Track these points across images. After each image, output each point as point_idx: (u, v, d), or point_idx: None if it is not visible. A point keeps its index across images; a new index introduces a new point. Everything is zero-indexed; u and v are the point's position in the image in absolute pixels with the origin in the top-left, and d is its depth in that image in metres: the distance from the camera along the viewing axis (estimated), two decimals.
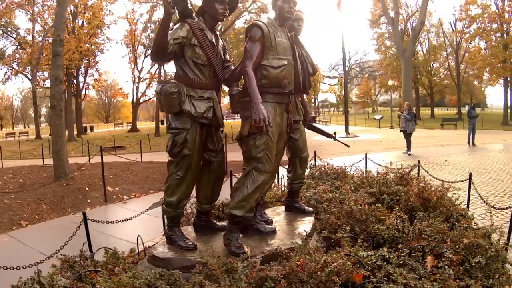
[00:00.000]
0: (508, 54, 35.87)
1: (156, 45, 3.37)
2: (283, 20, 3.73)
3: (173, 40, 3.43)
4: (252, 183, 3.50)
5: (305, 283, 2.82)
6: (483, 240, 3.65)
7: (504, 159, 13.56)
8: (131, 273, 3.00)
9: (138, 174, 10.83)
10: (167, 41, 3.37)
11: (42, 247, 5.58)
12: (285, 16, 3.71)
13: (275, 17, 3.75)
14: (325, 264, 2.83)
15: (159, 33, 3.32)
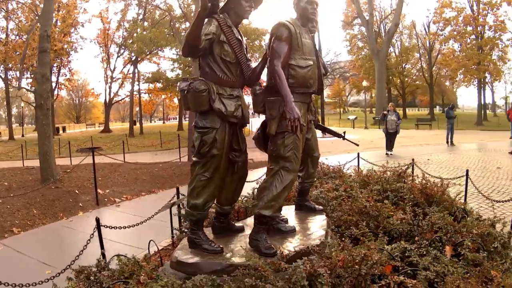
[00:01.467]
0: (482, 56, 37.20)
1: (190, 40, 3.30)
2: (306, 20, 3.85)
3: (205, 36, 3.39)
4: (281, 183, 3.53)
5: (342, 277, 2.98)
6: (492, 230, 4.02)
7: (485, 157, 14.18)
8: (163, 282, 2.99)
9: (127, 176, 10.79)
10: (200, 37, 3.33)
11: (42, 256, 5.47)
12: (309, 17, 3.83)
13: (297, 17, 3.87)
14: (364, 258, 3.02)
15: (195, 28, 3.25)
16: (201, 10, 3.16)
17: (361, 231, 4.07)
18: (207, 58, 3.56)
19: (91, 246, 5.19)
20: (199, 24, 3.25)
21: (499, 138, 23.12)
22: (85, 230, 6.54)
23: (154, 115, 76.35)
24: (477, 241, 3.72)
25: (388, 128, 15.65)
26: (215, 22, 3.50)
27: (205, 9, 3.17)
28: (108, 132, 41.19)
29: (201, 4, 3.13)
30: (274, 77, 3.46)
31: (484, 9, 37.91)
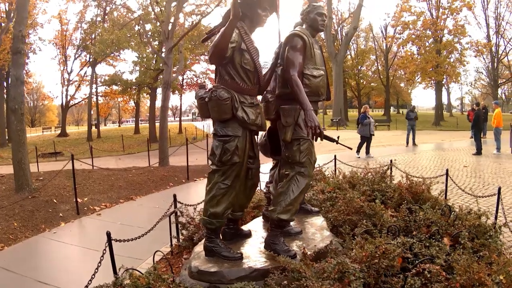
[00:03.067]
0: (441, 59, 38.85)
1: (221, 48, 3.34)
2: (316, 31, 4.13)
3: (230, 44, 3.41)
4: (297, 187, 3.73)
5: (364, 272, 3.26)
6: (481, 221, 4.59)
7: (449, 157, 15.08)
8: None
9: (102, 183, 10.72)
10: (228, 45, 3.38)
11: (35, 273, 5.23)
12: (318, 29, 4.11)
13: (306, 27, 4.11)
14: (384, 252, 3.38)
15: (225, 36, 3.29)
16: (233, 18, 3.21)
17: (366, 228, 4.43)
18: (227, 66, 3.62)
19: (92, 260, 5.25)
20: (230, 32, 3.32)
21: (459, 138, 24.32)
22: (72, 242, 6.61)
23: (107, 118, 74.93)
24: (472, 232, 4.17)
25: (371, 131, 15.80)
26: (236, 30, 3.52)
27: (237, 17, 3.25)
28: (65, 136, 40.18)
29: (234, 12, 3.20)
30: (292, 86, 3.64)
31: (444, 13, 39.64)
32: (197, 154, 16.18)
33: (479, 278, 2.85)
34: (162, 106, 14.70)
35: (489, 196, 6.04)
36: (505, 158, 14.38)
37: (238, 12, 3.23)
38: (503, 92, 67.16)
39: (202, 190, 5.65)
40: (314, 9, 4.07)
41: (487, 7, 42.86)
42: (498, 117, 15.93)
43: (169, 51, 13.92)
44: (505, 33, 43.71)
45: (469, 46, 40.64)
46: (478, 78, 59.65)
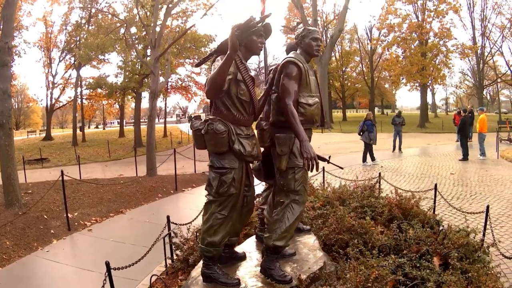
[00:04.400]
0: (426, 62, 39.39)
1: (218, 82, 3.36)
2: (310, 57, 4.14)
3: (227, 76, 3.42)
4: (292, 215, 3.80)
5: None
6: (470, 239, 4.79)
7: (436, 163, 15.36)
8: None
9: (91, 196, 10.67)
10: (225, 79, 3.40)
11: None
12: (313, 54, 4.12)
13: (300, 52, 4.11)
14: (377, 277, 3.53)
15: (222, 71, 3.28)
16: (231, 53, 3.20)
17: (357, 249, 4.57)
18: (223, 97, 3.61)
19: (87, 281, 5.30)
20: (228, 67, 3.32)
21: (445, 141, 24.75)
22: (66, 262, 6.62)
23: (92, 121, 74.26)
24: (461, 252, 4.37)
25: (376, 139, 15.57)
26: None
27: (235, 51, 3.24)
28: (50, 139, 39.71)
29: (232, 46, 3.18)
30: (287, 116, 3.63)
31: (429, 16, 40.17)
32: (183, 161, 16.23)
33: None
34: (150, 115, 14.66)
35: (478, 213, 6.19)
36: (491, 164, 14.71)
37: (236, 46, 3.23)
38: (488, 93, 68.21)
39: (191, 202, 5.75)
40: (309, 34, 4.07)
41: (473, 10, 43.62)
42: (482, 123, 16.22)
43: (156, 60, 13.91)
44: (491, 35, 44.51)
45: (455, 49, 41.20)
46: (463, 80, 60.78)
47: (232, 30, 3.23)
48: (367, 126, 15.30)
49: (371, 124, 15.42)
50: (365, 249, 4.52)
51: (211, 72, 3.45)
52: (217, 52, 3.79)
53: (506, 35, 45.36)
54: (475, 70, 47.02)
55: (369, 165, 15.16)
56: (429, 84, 44.74)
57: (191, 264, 4.97)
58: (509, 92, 74.26)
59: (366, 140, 15.33)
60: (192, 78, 37.83)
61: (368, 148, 15.50)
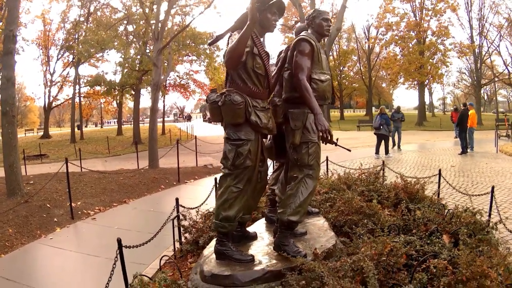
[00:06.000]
0: (424, 60, 39.51)
1: (237, 52, 3.41)
2: (321, 36, 4.22)
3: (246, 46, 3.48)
4: (306, 190, 3.82)
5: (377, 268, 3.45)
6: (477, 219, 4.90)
7: (436, 157, 15.49)
8: None
9: (94, 186, 10.70)
10: (245, 49, 3.47)
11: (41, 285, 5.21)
12: (324, 34, 4.21)
13: (311, 32, 4.19)
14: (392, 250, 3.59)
15: (242, 41, 3.35)
16: (251, 23, 3.28)
17: (370, 228, 4.63)
18: (239, 70, 3.68)
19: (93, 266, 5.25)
20: (248, 37, 3.39)
21: (444, 138, 24.91)
22: (71, 248, 6.59)
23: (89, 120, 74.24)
24: (470, 229, 4.43)
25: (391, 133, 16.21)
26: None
27: (254, 22, 3.33)
28: (48, 138, 39.68)
29: (252, 17, 3.27)
30: (301, 91, 3.73)
31: (427, 15, 40.21)
32: (184, 156, 16.27)
33: (482, 271, 3.07)
34: (152, 108, 14.70)
35: (483, 194, 6.33)
36: (491, 157, 14.85)
37: (256, 16, 3.32)
38: (485, 93, 68.53)
39: (195, 192, 5.78)
40: (320, 15, 4.15)
41: (471, 9, 43.57)
42: (472, 118, 16.54)
43: (158, 52, 13.95)
44: (488, 35, 44.61)
45: (453, 47, 41.31)
46: (461, 79, 60.97)
47: (252, 2, 3.28)
48: (385, 119, 15.72)
49: (387, 118, 15.90)
50: (377, 228, 4.57)
51: (230, 44, 3.51)
52: (233, 30, 3.86)
53: (504, 34, 45.57)
54: (472, 69, 47.09)
55: (386, 157, 15.34)
56: (426, 83, 44.88)
57: (201, 246, 5.00)
58: (506, 92, 74.79)
59: (385, 133, 15.71)
60: (191, 76, 37.77)
61: (385, 141, 15.89)
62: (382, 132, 15.70)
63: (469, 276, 3.07)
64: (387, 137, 15.92)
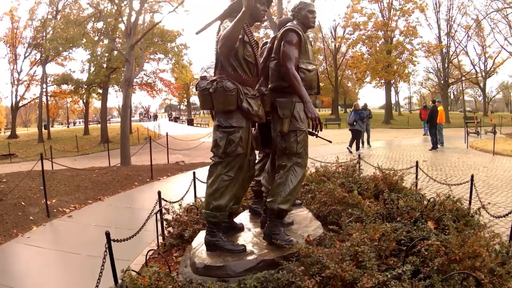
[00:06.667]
0: (391, 59, 40.18)
1: (233, 39, 3.41)
2: (307, 28, 4.24)
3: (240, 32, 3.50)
4: (295, 177, 3.86)
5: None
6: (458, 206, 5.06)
7: (407, 153, 15.85)
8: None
9: (67, 184, 10.44)
10: (239, 36, 3.48)
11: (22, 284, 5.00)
12: (309, 25, 4.24)
13: (297, 24, 4.20)
14: (383, 235, 3.66)
15: (237, 27, 3.37)
16: (246, 9, 3.33)
17: (357, 216, 4.70)
18: (230, 58, 3.67)
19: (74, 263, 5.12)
20: (243, 23, 3.43)
21: (412, 135, 25.42)
22: (49, 246, 6.38)
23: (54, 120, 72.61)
24: (454, 215, 4.56)
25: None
26: None
27: (250, 8, 3.36)
28: (15, 137, 38.62)
29: (248, 3, 3.32)
30: (290, 79, 3.79)
31: (395, 15, 40.94)
32: (154, 154, 16.03)
33: (473, 251, 3.16)
34: (124, 104, 14.52)
35: (462, 183, 6.52)
36: (462, 153, 15.28)
37: (252, 4, 3.34)
38: (452, 92, 70.31)
39: (169, 189, 5.73)
40: (306, 7, 4.18)
41: (439, 10, 44.61)
42: (441, 114, 16.92)
43: (131, 48, 13.77)
44: (456, 35, 45.80)
45: (420, 47, 42.11)
46: (427, 78, 62.44)
47: None
48: (358, 115, 16.03)
49: (361, 114, 16.25)
50: (363, 216, 4.64)
51: (224, 31, 3.49)
52: (222, 18, 3.84)
53: (472, 35, 46.94)
54: (439, 69, 48.25)
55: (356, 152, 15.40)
56: (393, 82, 45.69)
57: (187, 239, 4.94)
58: (473, 91, 77.05)
59: (360, 129, 16.13)
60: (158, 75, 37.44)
61: (358, 136, 16.27)
62: (356, 128, 16.00)
63: (461, 256, 3.15)
64: (360, 133, 16.30)
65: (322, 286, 3.01)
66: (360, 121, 15.97)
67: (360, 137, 16.56)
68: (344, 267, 3.04)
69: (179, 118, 74.71)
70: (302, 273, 3.08)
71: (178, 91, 48.28)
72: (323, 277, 3.00)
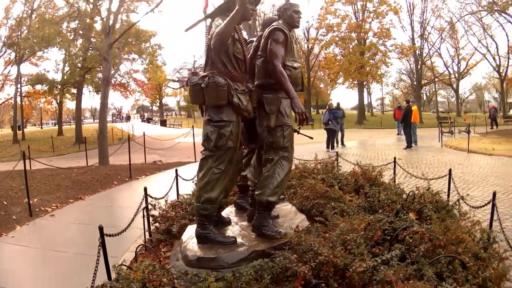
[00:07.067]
0: (365, 61, 40.66)
1: (226, 34, 3.56)
2: (291, 27, 4.34)
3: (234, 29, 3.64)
4: (282, 171, 3.99)
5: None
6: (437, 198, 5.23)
7: (381, 151, 16.20)
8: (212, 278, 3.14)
9: (48, 183, 10.36)
10: (233, 31, 3.65)
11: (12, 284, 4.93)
12: (294, 25, 4.34)
13: (282, 23, 4.19)
14: (368, 225, 3.80)
15: (231, 24, 3.53)
16: (240, 8, 3.49)
17: (341, 208, 4.84)
18: (220, 54, 3.78)
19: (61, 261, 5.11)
20: (236, 20, 3.58)
21: (386, 135, 25.91)
22: (35, 245, 6.29)
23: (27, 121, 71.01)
24: (434, 206, 4.75)
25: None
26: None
27: (243, 7, 3.51)
28: None
29: (241, 2, 3.47)
30: (278, 76, 3.88)
31: (369, 17, 41.43)
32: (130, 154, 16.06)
33: (456, 237, 3.32)
34: (102, 103, 14.41)
35: (440, 177, 6.81)
36: (436, 151, 15.67)
37: (245, 2, 3.49)
38: (425, 93, 71.59)
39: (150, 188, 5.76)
40: (291, 7, 4.28)
41: (413, 12, 45.32)
42: (415, 113, 17.25)
43: (109, 46, 13.68)
44: (430, 37, 46.64)
45: (394, 49, 42.60)
46: (400, 79, 63.40)
47: None
48: (333, 115, 16.28)
49: (335, 113, 16.52)
50: (347, 208, 4.77)
51: (218, 28, 3.61)
52: (212, 16, 3.97)
53: (445, 37, 47.91)
54: (412, 70, 49.01)
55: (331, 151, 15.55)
56: (365, 83, 46.21)
57: (174, 234, 4.99)
58: (446, 93, 78.64)
59: (335, 128, 16.37)
60: (131, 75, 37.07)
61: (332, 135, 16.50)
62: (330, 127, 16.20)
63: (445, 242, 3.30)
64: (335, 132, 16.56)
65: (316, 272, 3.11)
66: (334, 120, 16.20)
67: (335, 136, 16.81)
68: (336, 254, 3.15)
69: (151, 119, 74.74)
70: (296, 260, 3.16)
71: (151, 91, 47.83)
72: (317, 263, 3.10)
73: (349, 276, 2.99)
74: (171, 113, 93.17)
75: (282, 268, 3.16)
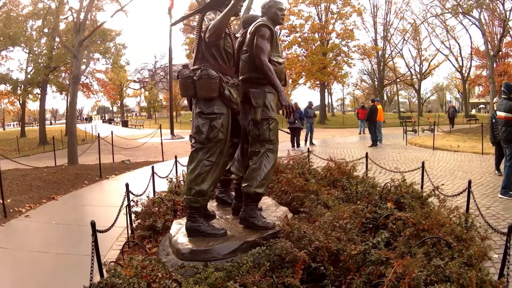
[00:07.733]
0: (327, 61, 41.29)
1: (222, 27, 3.62)
2: (275, 24, 4.42)
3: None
4: (268, 163, 4.09)
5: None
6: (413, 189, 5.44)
7: (347, 149, 16.55)
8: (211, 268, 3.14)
9: (19, 183, 10.13)
10: (227, 24, 3.72)
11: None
12: (278, 22, 4.44)
13: (266, 19, 4.29)
14: (353, 213, 3.93)
15: (227, 17, 3.61)
16: (235, 2, 3.56)
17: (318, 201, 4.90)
18: (211, 48, 3.86)
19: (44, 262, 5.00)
20: (232, 13, 3.65)
21: (348, 134, 26.47)
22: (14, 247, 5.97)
23: None
24: (410, 196, 4.93)
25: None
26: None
27: (239, 1, 3.61)
28: None
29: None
30: (265, 71, 3.96)
31: (332, 18, 42.13)
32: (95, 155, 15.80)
33: (438, 221, 3.50)
34: (71, 102, 14.12)
35: (413, 170, 7.12)
36: (402, 148, 16.14)
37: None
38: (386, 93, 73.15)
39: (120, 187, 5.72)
40: (275, 4, 4.38)
41: (376, 14, 46.28)
42: (380, 112, 17.75)
43: (80, 44, 13.39)
44: (392, 38, 47.70)
45: (356, 49, 43.39)
46: (361, 80, 64.52)
47: None
48: (299, 114, 16.55)
49: (301, 112, 17.04)
50: (327, 200, 4.88)
51: (213, 21, 3.66)
52: (201, 11, 4.04)
53: (408, 39, 49.02)
54: (374, 71, 49.89)
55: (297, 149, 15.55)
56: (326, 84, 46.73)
57: (159, 230, 5.01)
58: (407, 93, 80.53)
59: (299, 126, 16.73)
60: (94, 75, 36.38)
61: (298, 134, 16.79)
62: (296, 126, 16.52)
63: (428, 226, 3.47)
64: (300, 130, 16.91)
65: (312, 257, 3.21)
66: (299, 119, 16.56)
67: (299, 135, 17.05)
68: (329, 239, 3.25)
69: (113, 120, 74.00)
70: (293, 247, 3.23)
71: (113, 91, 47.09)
72: (313, 249, 3.20)
73: (343, 260, 3.09)
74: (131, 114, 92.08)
75: (279, 255, 3.22)
